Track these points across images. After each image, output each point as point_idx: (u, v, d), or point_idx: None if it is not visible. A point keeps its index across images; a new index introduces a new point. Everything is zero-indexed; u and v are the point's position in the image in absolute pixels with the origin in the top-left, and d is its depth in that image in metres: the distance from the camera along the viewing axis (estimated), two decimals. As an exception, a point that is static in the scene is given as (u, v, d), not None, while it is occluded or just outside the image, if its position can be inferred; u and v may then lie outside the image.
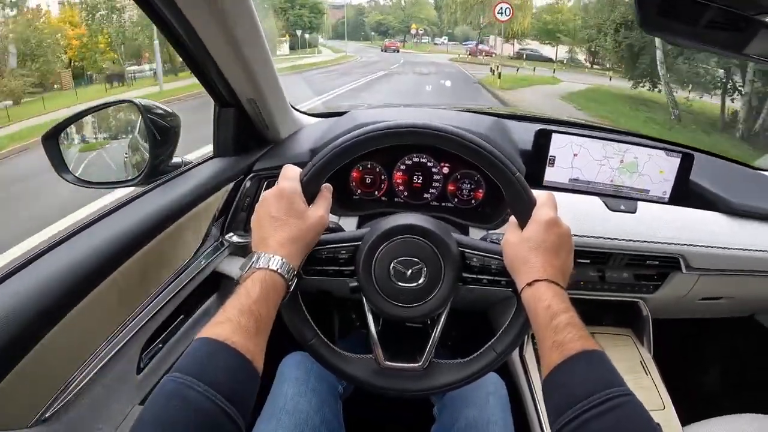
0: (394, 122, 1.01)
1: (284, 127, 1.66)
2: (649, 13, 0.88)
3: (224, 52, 1.25)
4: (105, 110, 1.51)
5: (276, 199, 0.95)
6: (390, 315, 1.04)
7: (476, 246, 1.05)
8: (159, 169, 1.38)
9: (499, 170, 0.99)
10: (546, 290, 0.89)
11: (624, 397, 0.74)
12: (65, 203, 5.93)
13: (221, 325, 0.77)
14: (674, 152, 1.60)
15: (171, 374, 0.71)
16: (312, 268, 1.03)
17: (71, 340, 0.94)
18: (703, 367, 2.30)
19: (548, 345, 0.84)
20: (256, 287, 0.84)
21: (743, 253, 1.63)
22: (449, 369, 1.04)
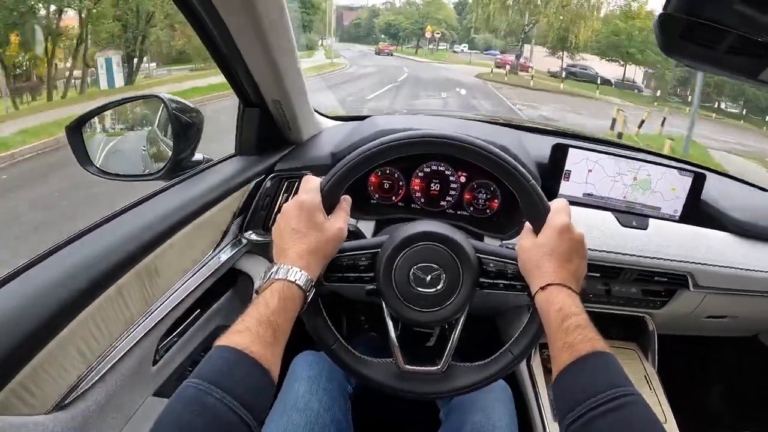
0: (410, 133, 1.03)
1: (306, 129, 1.68)
2: (671, 36, 0.91)
3: (255, 53, 1.28)
4: (129, 103, 1.54)
5: (297, 211, 0.97)
6: (410, 319, 1.05)
7: (492, 251, 1.07)
8: (181, 164, 1.41)
9: (514, 178, 1.01)
10: (558, 294, 0.92)
11: (630, 397, 0.76)
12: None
13: (240, 334, 0.80)
14: (687, 171, 1.63)
15: (190, 380, 0.73)
16: (333, 275, 1.05)
17: (92, 330, 0.95)
18: (705, 384, 2.31)
19: (559, 346, 0.86)
20: (275, 298, 0.86)
21: (751, 274, 1.65)
22: (468, 371, 1.06)
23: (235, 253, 1.45)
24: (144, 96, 1.51)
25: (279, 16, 1.24)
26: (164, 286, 1.17)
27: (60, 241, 1.02)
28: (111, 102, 1.48)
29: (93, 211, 1.39)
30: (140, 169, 1.54)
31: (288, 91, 1.44)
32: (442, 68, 36.43)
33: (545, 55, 34.68)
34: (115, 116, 1.55)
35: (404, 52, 55.97)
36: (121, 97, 1.50)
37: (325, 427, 1.22)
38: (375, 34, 66.21)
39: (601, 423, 0.74)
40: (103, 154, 1.48)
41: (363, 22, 69.11)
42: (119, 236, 1.06)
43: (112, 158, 1.50)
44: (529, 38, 37.22)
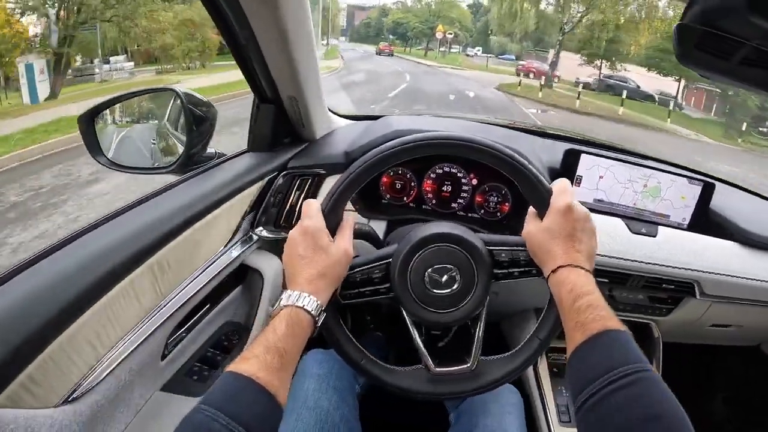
0: (397, 141, 1.05)
1: (320, 126, 1.69)
2: (687, 45, 0.92)
3: (276, 48, 1.29)
4: (141, 96, 1.54)
5: (301, 237, 0.99)
6: (431, 322, 1.06)
7: (502, 241, 1.08)
8: (193, 158, 1.41)
9: (510, 165, 1.04)
10: (569, 275, 0.93)
11: (644, 373, 0.76)
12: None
13: (248, 362, 0.81)
14: (696, 180, 1.64)
15: (199, 405, 0.75)
16: (349, 293, 1.06)
17: (103, 324, 0.96)
18: (709, 392, 2.32)
19: (571, 326, 0.88)
20: (282, 324, 0.88)
21: (757, 284, 1.66)
22: (498, 364, 1.07)
23: (246, 250, 1.45)
24: (158, 89, 1.51)
25: (302, 13, 1.25)
26: (175, 280, 1.18)
27: (73, 232, 1.03)
28: (124, 94, 1.48)
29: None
30: (150, 163, 1.55)
31: (304, 88, 1.45)
32: (454, 75, 30.95)
33: (579, 64, 28.74)
34: (128, 108, 1.55)
35: (413, 54, 52.79)
36: (135, 89, 1.50)
37: (334, 425, 1.23)
38: (384, 34, 63.58)
39: (615, 399, 0.74)
40: (114, 146, 1.48)
41: (373, 22, 67.10)
42: (133, 229, 1.07)
43: (123, 150, 1.50)
44: (558, 41, 30.19)
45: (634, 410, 0.73)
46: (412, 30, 56.08)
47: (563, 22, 30.77)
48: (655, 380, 0.76)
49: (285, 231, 1.51)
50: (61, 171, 7.84)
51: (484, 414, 1.31)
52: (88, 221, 1.08)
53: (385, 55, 48.52)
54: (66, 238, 1.00)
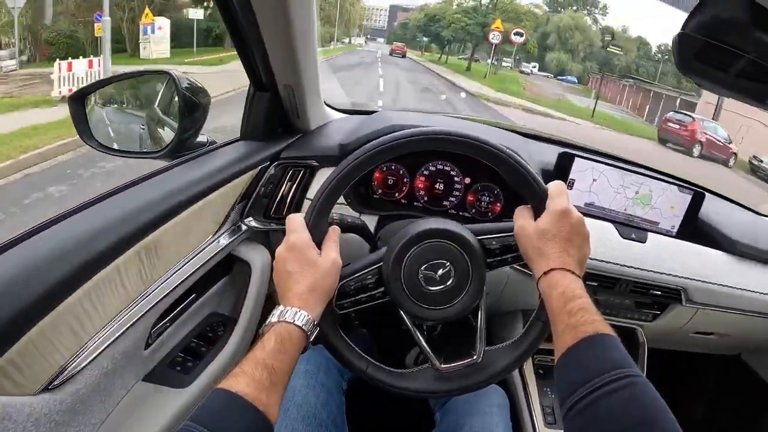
0: (383, 139, 1.06)
1: (314, 118, 1.67)
2: (686, 55, 0.95)
3: (276, 38, 1.28)
4: (133, 79, 1.54)
5: (289, 253, 1.00)
6: (433, 320, 1.07)
7: (491, 229, 1.09)
8: (185, 144, 1.40)
9: (507, 164, 1.04)
10: (561, 278, 0.94)
11: (634, 378, 0.76)
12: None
13: (236, 378, 0.82)
14: (687, 189, 1.66)
15: (187, 423, 0.76)
16: (344, 302, 1.06)
17: (86, 310, 0.94)
18: (689, 399, 2.36)
19: (561, 328, 0.87)
20: (271, 340, 0.88)
21: (741, 293, 1.70)
22: (504, 352, 1.08)
23: (234, 240, 1.44)
24: (153, 71, 1.50)
25: (306, 6, 1.25)
26: (162, 268, 1.17)
27: (59, 213, 1.01)
28: (117, 75, 1.47)
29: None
30: (140, 147, 1.54)
31: (302, 78, 1.44)
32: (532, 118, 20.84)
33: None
34: (119, 91, 1.54)
35: (451, 66, 41.26)
36: (130, 70, 1.49)
37: (322, 422, 1.24)
38: (418, 36, 57.04)
39: (605, 403, 0.74)
40: (105, 128, 1.48)
41: (411, 23, 61.35)
42: (120, 213, 1.05)
43: (113, 133, 1.50)
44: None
45: (625, 415, 0.73)
46: (449, 26, 42.54)
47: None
48: (646, 386, 0.76)
49: (275, 222, 1.50)
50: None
51: (470, 414, 1.32)
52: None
53: (397, 56, 45.30)
54: (51, 219, 0.98)
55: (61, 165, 7.34)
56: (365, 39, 65.82)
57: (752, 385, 2.14)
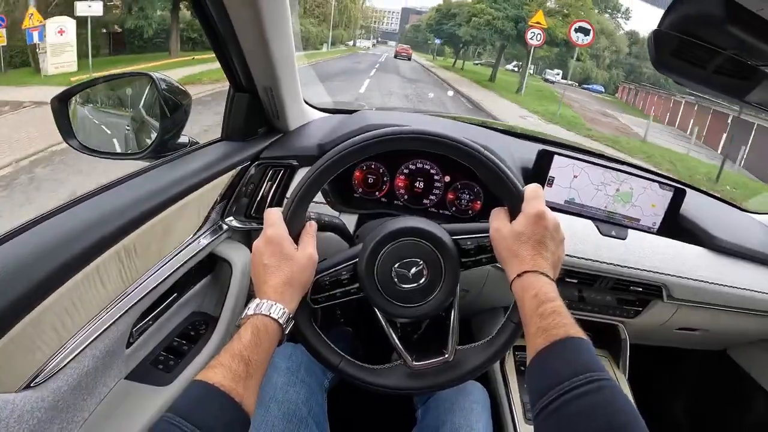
0: (365, 135, 1.06)
1: (294, 118, 1.68)
2: (663, 52, 0.94)
3: (252, 39, 1.29)
4: (116, 81, 1.53)
5: (265, 246, 1.00)
6: (405, 317, 1.08)
7: (467, 230, 1.10)
8: (167, 145, 1.40)
9: (485, 165, 1.04)
10: (535, 281, 0.94)
11: (605, 381, 0.77)
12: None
13: (213, 369, 0.83)
14: (668, 186, 1.67)
15: (166, 414, 0.76)
16: (320, 297, 1.07)
17: (67, 308, 0.95)
18: (674, 394, 2.36)
19: (533, 331, 0.88)
20: (248, 333, 0.89)
21: (723, 289, 1.71)
22: (476, 351, 1.08)
23: (215, 239, 1.45)
24: (134, 73, 1.51)
25: (280, 7, 1.25)
26: (142, 267, 1.17)
27: (40, 214, 1.01)
28: (100, 77, 1.47)
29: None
30: (123, 148, 1.54)
31: (280, 79, 1.44)
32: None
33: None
34: (102, 92, 1.53)
35: (468, 74, 36.07)
36: (112, 72, 1.49)
37: (302, 419, 1.24)
38: (430, 39, 51.52)
39: (575, 406, 0.75)
40: (88, 130, 1.47)
41: (423, 25, 56.92)
42: (101, 213, 1.05)
43: (96, 134, 1.50)
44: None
45: (597, 418, 0.74)
46: (468, 22, 32.42)
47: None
48: (617, 389, 0.77)
49: (255, 222, 1.51)
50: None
51: (451, 411, 1.32)
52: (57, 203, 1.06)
53: (403, 58, 44.23)
54: (33, 220, 0.98)
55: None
56: (375, 41, 62.85)
57: (738, 381, 2.15)
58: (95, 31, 17.32)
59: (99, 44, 17.72)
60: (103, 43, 18.65)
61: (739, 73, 0.93)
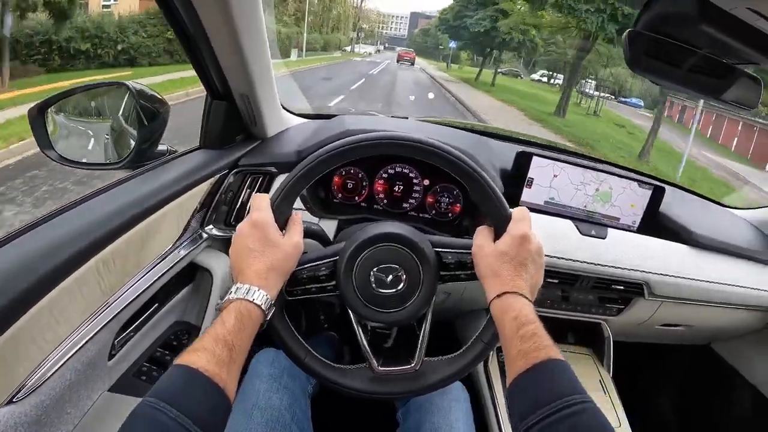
0: (361, 136, 1.05)
1: (272, 124, 1.67)
2: (637, 52, 0.94)
3: (226, 45, 1.27)
4: (94, 90, 1.50)
5: (251, 229, 0.98)
6: (377, 321, 1.07)
7: (450, 244, 1.08)
8: (145, 154, 1.39)
9: (476, 182, 1.04)
10: (514, 302, 0.93)
11: (586, 404, 0.77)
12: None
13: (196, 354, 0.80)
14: (647, 184, 1.68)
15: (147, 398, 0.74)
16: (295, 289, 1.06)
17: (47, 323, 0.94)
18: (659, 390, 2.38)
19: (513, 354, 0.88)
20: (231, 318, 0.87)
21: (704, 285, 1.71)
22: (441, 365, 1.07)
23: (195, 248, 1.44)
24: (110, 83, 1.48)
25: (252, 11, 1.24)
26: (122, 278, 1.16)
27: (17, 228, 1.00)
28: (77, 87, 1.44)
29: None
30: (101, 158, 1.51)
31: (256, 86, 1.44)
32: None
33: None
34: (80, 102, 1.50)
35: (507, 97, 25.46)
36: (88, 82, 1.46)
37: (286, 425, 1.22)
38: (441, 44, 47.00)
39: (561, 428, 0.75)
40: (66, 141, 1.45)
41: (432, 29, 54.30)
42: (78, 226, 1.04)
43: (74, 145, 1.48)
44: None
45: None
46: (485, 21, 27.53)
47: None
48: (598, 412, 0.78)
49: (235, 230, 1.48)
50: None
51: (431, 411, 1.32)
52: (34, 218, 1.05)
53: (405, 63, 39.67)
54: (11, 234, 0.97)
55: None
56: (381, 47, 58.86)
57: (723, 375, 2.17)
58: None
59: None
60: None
61: (714, 72, 0.94)
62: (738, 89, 0.97)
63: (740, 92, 0.98)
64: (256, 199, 1.04)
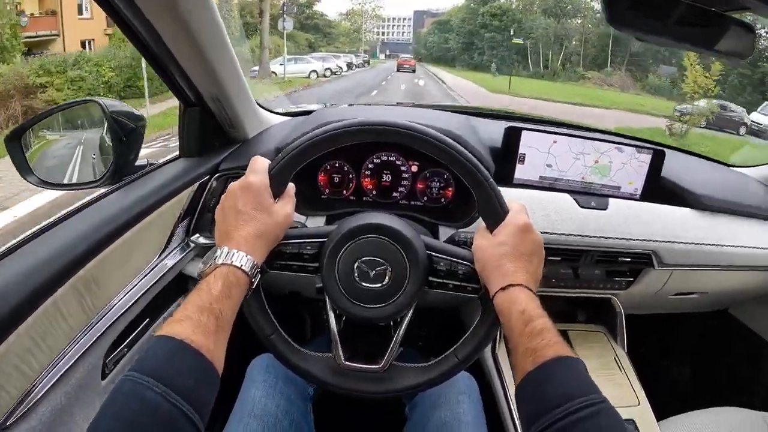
0: (368, 119, 1.00)
1: (250, 125, 1.65)
2: (618, 7, 0.87)
3: (186, 51, 1.24)
4: (69, 110, 1.47)
5: (243, 192, 0.94)
6: (352, 315, 1.03)
7: (445, 250, 1.04)
8: (124, 170, 1.36)
9: (473, 176, 0.99)
10: (520, 294, 0.89)
11: (602, 405, 0.74)
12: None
13: (181, 323, 0.76)
14: (645, 149, 1.63)
15: (128, 373, 0.70)
16: (277, 263, 1.02)
17: (29, 347, 0.92)
18: (678, 361, 2.34)
19: (522, 350, 0.84)
20: (218, 284, 0.83)
21: (714, 249, 1.66)
22: (409, 372, 1.04)
23: (183, 258, 1.42)
24: (80, 101, 1.47)
25: (207, 12, 1.20)
26: (106, 296, 1.14)
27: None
28: (47, 111, 1.42)
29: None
30: (81, 177, 1.48)
31: (226, 88, 1.41)
32: None
33: None
34: (55, 124, 1.47)
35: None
36: (60, 103, 1.48)
37: (284, 431, 1.20)
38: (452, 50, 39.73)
39: (578, 430, 0.72)
40: (45, 163, 1.43)
41: (436, 31, 43.59)
42: (54, 248, 1.01)
43: (53, 167, 1.45)
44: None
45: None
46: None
47: None
48: (614, 413, 0.75)
49: None
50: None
51: (439, 405, 1.28)
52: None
53: (406, 70, 34.98)
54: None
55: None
56: (365, 57, 44.55)
57: (743, 338, 2.13)
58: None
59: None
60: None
61: (703, 22, 0.90)
62: (730, 39, 0.92)
63: (733, 41, 0.93)
64: (254, 161, 1.00)
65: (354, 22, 53.58)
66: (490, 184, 0.99)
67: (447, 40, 41.83)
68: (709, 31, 0.91)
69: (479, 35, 37.28)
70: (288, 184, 1.01)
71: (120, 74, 15.58)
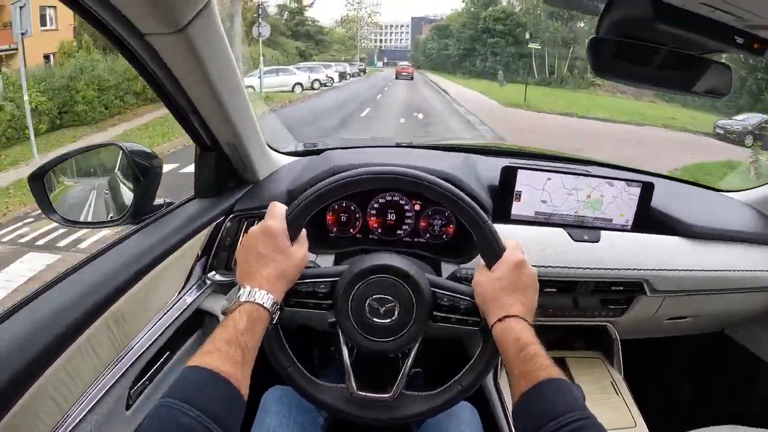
0: (377, 169, 1.10)
1: (262, 168, 1.72)
2: (603, 57, 0.95)
3: (206, 101, 1.32)
4: (87, 152, 1.53)
5: (263, 236, 1.01)
6: (363, 347, 1.10)
7: (447, 287, 1.13)
8: (143, 209, 1.43)
9: (471, 218, 1.08)
10: (515, 324, 0.98)
11: (587, 420, 0.82)
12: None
13: (211, 355, 0.82)
14: (634, 182, 1.69)
15: (164, 399, 0.75)
16: (292, 300, 1.09)
17: (64, 380, 0.97)
18: (675, 383, 2.36)
19: (516, 373, 0.93)
20: (243, 319, 0.90)
21: (704, 274, 1.71)
22: (417, 401, 1.11)
23: (200, 295, 1.49)
24: (102, 144, 1.54)
25: (226, 64, 1.28)
26: (132, 331, 1.20)
27: (29, 294, 1.03)
28: (71, 152, 1.48)
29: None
30: (103, 216, 1.55)
31: (241, 134, 1.48)
32: None
33: None
34: (76, 165, 1.53)
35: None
36: (81, 145, 1.51)
37: None
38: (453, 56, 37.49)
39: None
40: (67, 202, 1.48)
41: (436, 36, 42.28)
42: (86, 286, 1.08)
43: (76, 205, 1.51)
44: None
45: None
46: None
47: None
48: (599, 426, 0.82)
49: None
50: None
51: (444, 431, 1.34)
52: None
53: (404, 78, 33.02)
54: (20, 302, 1.01)
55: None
56: (362, 66, 40.70)
57: (739, 359, 2.16)
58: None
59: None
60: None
61: (683, 65, 0.96)
62: (708, 79, 0.99)
63: (711, 82, 1.00)
64: (272, 206, 1.08)
65: (349, 29, 51.72)
66: (488, 225, 1.08)
67: (447, 46, 39.54)
68: (688, 73, 0.98)
69: (481, 40, 35.46)
70: (302, 228, 1.10)
71: (53, 98, 13.99)
